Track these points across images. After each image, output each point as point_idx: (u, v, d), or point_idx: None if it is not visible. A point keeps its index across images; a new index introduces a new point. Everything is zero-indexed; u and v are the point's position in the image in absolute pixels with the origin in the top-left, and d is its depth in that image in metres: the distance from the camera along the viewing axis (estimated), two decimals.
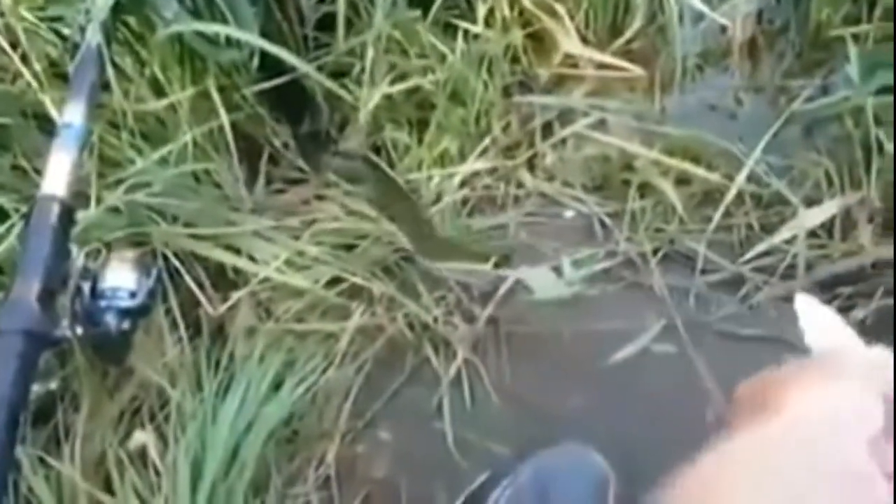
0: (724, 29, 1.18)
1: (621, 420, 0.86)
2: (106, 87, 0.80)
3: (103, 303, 0.74)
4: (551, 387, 0.89)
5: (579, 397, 0.88)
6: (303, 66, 0.90)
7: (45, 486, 0.72)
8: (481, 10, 1.07)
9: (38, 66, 0.82)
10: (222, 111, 0.92)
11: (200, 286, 0.91)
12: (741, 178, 1.00)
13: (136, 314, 0.75)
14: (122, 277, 0.76)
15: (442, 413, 0.87)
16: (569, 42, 1.14)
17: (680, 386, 0.89)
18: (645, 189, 1.03)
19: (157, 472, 0.75)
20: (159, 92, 0.90)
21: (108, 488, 0.75)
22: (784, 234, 0.98)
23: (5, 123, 0.82)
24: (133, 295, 0.76)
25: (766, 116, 1.09)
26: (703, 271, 0.98)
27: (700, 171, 1.02)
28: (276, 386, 0.81)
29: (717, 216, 0.99)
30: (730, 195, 0.99)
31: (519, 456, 0.77)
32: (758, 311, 0.95)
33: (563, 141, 1.09)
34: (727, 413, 0.50)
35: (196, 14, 0.88)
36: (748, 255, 0.98)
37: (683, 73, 1.14)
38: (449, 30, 1.07)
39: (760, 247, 0.98)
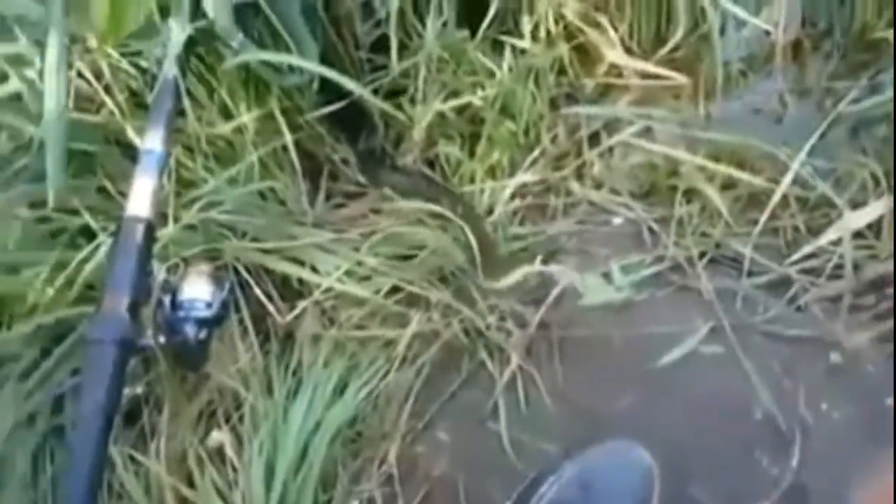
0: (767, 33, 1.20)
1: (669, 420, 0.89)
2: (181, 114, 0.87)
3: (182, 313, 0.81)
4: (601, 389, 0.93)
5: (628, 398, 0.92)
6: (359, 90, 0.95)
7: (134, 481, 0.79)
8: (527, 26, 1.12)
9: (120, 97, 0.89)
10: (286, 131, 0.98)
11: (269, 297, 0.97)
12: (787, 181, 1.02)
13: (212, 323, 0.82)
14: (198, 290, 0.83)
15: (497, 415, 0.92)
16: (613, 53, 1.17)
17: (727, 386, 0.92)
18: (691, 194, 1.06)
19: (234, 469, 0.81)
20: (228, 116, 0.97)
21: (190, 483, 0.81)
22: (830, 235, 1.00)
23: (91, 150, 0.90)
24: (209, 306, 0.82)
25: (811, 119, 1.11)
26: (750, 274, 1.01)
27: (745, 176, 1.04)
28: (341, 389, 0.86)
29: (763, 219, 1.02)
30: (775, 198, 1.01)
31: (566, 454, 0.81)
32: (804, 312, 0.97)
33: (610, 150, 1.12)
34: None
35: (260, 43, 0.95)
36: (794, 257, 1.00)
37: (727, 79, 1.16)
38: (497, 46, 1.11)
39: (807, 248, 1.00)
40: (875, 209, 0.99)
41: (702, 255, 1.02)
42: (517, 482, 0.83)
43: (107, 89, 0.92)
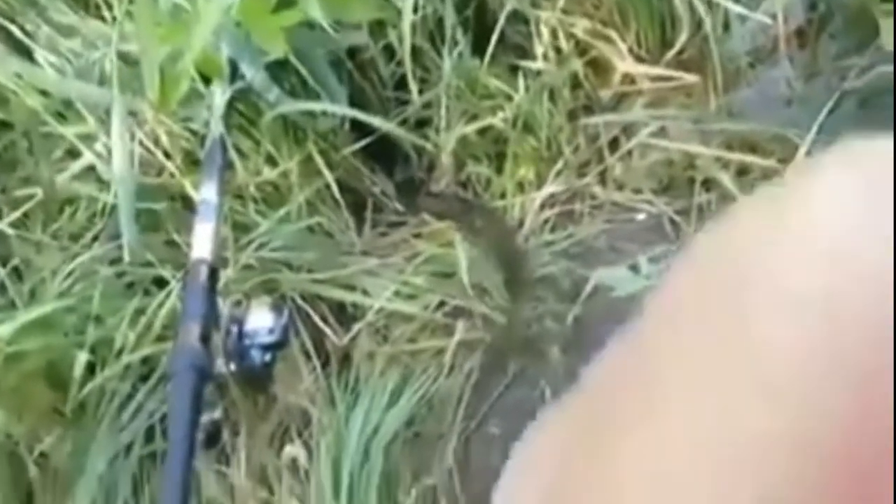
0: (770, 24, 1.25)
1: None
2: (230, 166, 0.98)
3: (248, 341, 0.91)
4: None
5: None
6: (387, 126, 1.05)
7: (221, 493, 0.89)
8: (539, 48, 1.20)
9: (178, 159, 1.01)
10: (326, 171, 1.09)
11: (326, 321, 1.07)
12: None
13: (275, 348, 0.92)
14: (260, 319, 0.93)
15: (544, 404, 0.99)
16: (623, 62, 1.24)
17: None
18: (709, 184, 1.12)
19: (308, 477, 0.91)
20: (272, 163, 1.08)
21: (271, 492, 0.91)
22: None
23: (157, 208, 1.01)
24: (271, 332, 0.92)
25: (819, 99, 1.16)
26: None
27: (757, 159, 1.10)
28: (397, 396, 0.95)
29: None
30: None
31: None
32: None
33: (629, 152, 1.19)
34: None
35: (293, 93, 1.06)
36: None
37: (736, 72, 1.22)
38: (513, 70, 1.20)
39: None
40: None
41: None
42: None
43: (165, 154, 1.04)
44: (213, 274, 0.87)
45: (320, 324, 1.05)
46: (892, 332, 0.17)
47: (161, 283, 1.00)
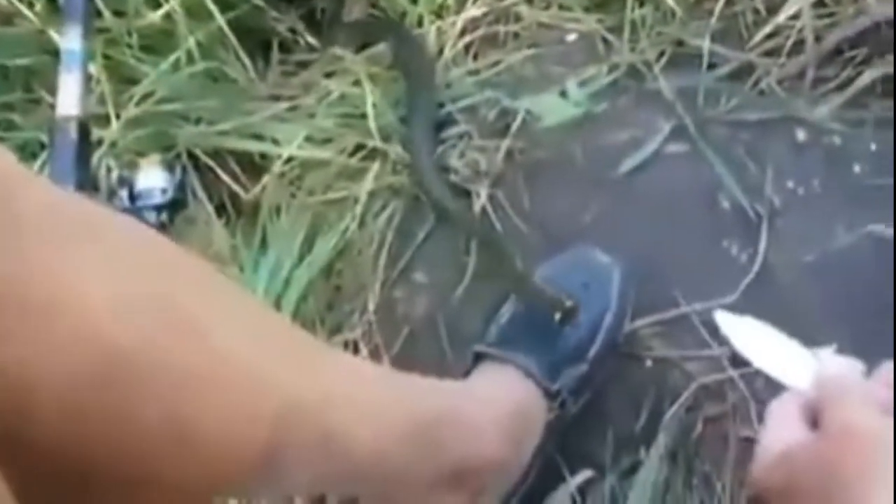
0: None
1: (636, 223, 0.90)
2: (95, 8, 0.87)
3: (140, 203, 0.84)
4: (569, 205, 0.93)
5: (595, 209, 0.92)
6: None
7: None
8: None
9: (38, 5, 0.89)
10: (215, 9, 0.97)
11: (235, 177, 0.99)
12: None
13: (171, 207, 0.85)
14: (152, 178, 0.85)
15: (470, 250, 0.93)
16: None
17: (694, 182, 0.91)
18: None
19: None
20: (155, 4, 0.96)
21: None
22: (790, 9, 0.96)
23: (24, 64, 0.91)
24: (164, 192, 0.85)
25: None
26: (711, 66, 0.98)
27: None
28: (309, 248, 0.89)
29: (719, 6, 0.98)
30: None
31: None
32: (768, 95, 0.95)
33: None
34: None
35: None
36: (755, 40, 0.97)
37: None
38: None
39: (766, 29, 0.96)
40: None
41: (660, 56, 1.00)
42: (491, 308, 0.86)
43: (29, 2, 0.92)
44: (83, 130, 0.78)
45: (227, 178, 0.97)
46: None
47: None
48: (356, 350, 0.87)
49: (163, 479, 0.44)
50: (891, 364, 0.50)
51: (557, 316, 0.76)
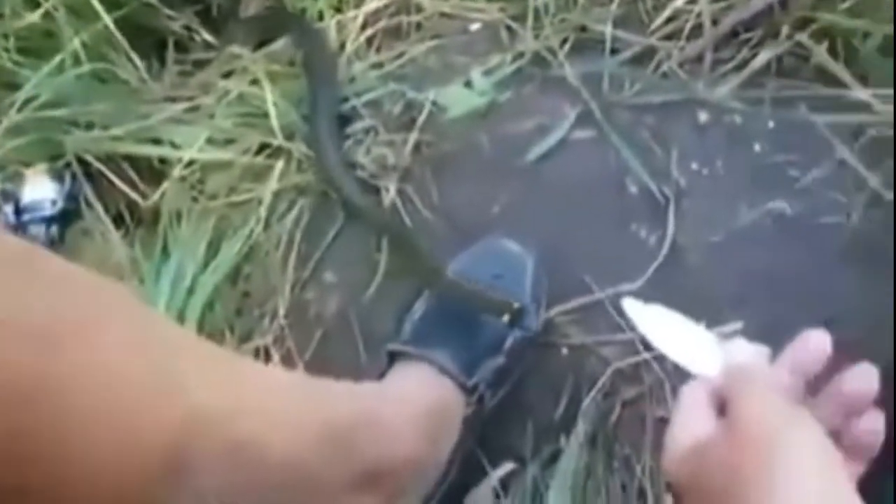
0: None
1: (545, 211, 0.89)
2: None
3: (27, 216, 0.79)
4: (477, 196, 0.92)
5: (505, 199, 0.91)
6: None
7: None
8: None
9: None
10: (101, 10, 0.92)
11: (132, 184, 0.95)
12: None
13: (62, 219, 0.80)
14: (40, 190, 0.81)
15: (381, 246, 0.92)
16: None
17: (601, 167, 0.91)
18: None
19: None
20: (34, 4, 0.91)
21: None
22: None
23: None
24: (54, 203, 0.80)
25: None
26: (614, 51, 0.98)
27: None
28: (213, 253, 0.86)
29: None
30: None
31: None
32: (670, 78, 0.95)
33: None
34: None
35: None
36: (655, 24, 0.97)
37: None
38: None
39: (666, 13, 0.97)
40: None
41: (563, 42, 0.99)
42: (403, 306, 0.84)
43: None
44: None
45: (123, 186, 0.93)
46: None
47: None
48: (268, 356, 0.84)
49: (65, 491, 0.42)
50: (793, 348, 0.51)
51: (506, 318, 0.74)
